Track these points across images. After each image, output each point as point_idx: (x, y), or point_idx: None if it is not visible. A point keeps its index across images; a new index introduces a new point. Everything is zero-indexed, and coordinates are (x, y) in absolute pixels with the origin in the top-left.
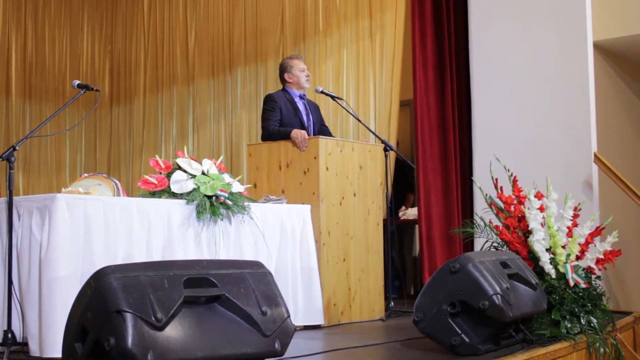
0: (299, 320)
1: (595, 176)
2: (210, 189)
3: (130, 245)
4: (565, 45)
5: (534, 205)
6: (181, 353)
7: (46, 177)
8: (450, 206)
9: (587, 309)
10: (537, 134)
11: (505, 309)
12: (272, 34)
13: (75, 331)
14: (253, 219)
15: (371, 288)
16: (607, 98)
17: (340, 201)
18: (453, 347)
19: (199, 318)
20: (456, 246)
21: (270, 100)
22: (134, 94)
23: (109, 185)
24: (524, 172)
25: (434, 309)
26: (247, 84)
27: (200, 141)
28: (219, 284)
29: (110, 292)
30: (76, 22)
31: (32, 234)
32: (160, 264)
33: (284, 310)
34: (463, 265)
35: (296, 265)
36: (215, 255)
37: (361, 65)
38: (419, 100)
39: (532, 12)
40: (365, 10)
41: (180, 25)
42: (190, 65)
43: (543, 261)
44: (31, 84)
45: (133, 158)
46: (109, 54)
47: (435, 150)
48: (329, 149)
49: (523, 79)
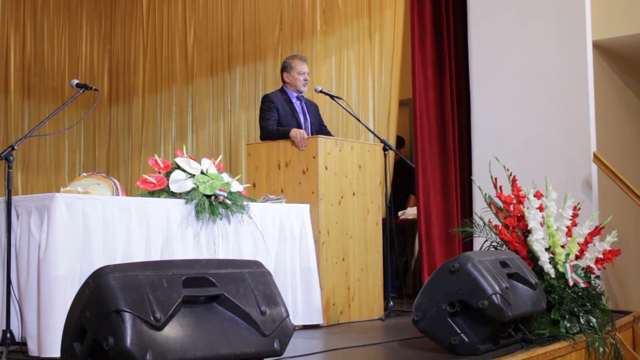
0: (298, 320)
1: (595, 175)
2: (209, 189)
3: (129, 245)
4: (564, 45)
5: (533, 204)
6: (180, 353)
7: (45, 176)
8: (449, 205)
9: (587, 309)
10: (537, 133)
11: (504, 309)
12: (270, 33)
13: (73, 331)
14: (252, 219)
15: (370, 287)
16: (606, 97)
17: (340, 200)
18: (452, 346)
19: (197, 318)
20: (455, 245)
21: (268, 100)
22: (133, 94)
23: (107, 184)
24: (523, 171)
25: (433, 309)
26: (245, 83)
27: (199, 140)
28: (218, 283)
29: (109, 291)
30: (75, 21)
31: (31, 233)
32: (159, 263)
33: (283, 309)
34: (462, 264)
35: (295, 264)
36: (214, 254)
37: (360, 64)
38: (418, 99)
39: (532, 12)
40: (364, 9)
41: (179, 24)
42: (189, 64)
43: (542, 261)
44: (30, 83)
45: (132, 157)
46: (108, 54)
47: (434, 150)
48: (328, 148)
49: (522, 79)
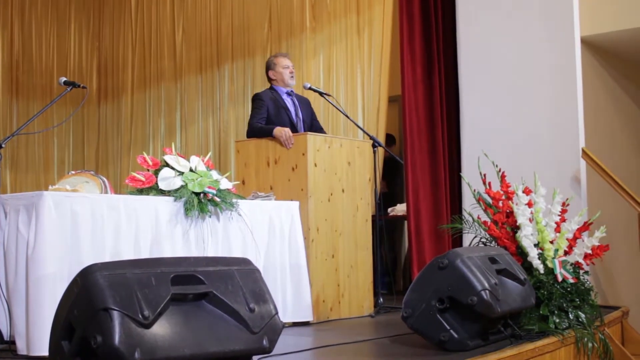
0: (288, 317)
1: (583, 171)
2: (198, 186)
3: (117, 243)
4: (553, 41)
5: (522, 200)
6: (168, 350)
7: (34, 174)
8: (438, 202)
9: (576, 304)
10: (525, 129)
11: (493, 305)
12: (259, 30)
13: (61, 329)
14: (241, 216)
15: (360, 284)
16: (595, 93)
17: (329, 197)
18: (442, 342)
19: (186, 315)
20: (445, 242)
21: (257, 99)
22: (122, 91)
23: (96, 182)
24: (512, 167)
25: (422, 305)
26: (234, 80)
27: (188, 138)
28: (207, 281)
29: (97, 289)
30: (63, 19)
31: (19, 231)
32: (147, 261)
33: (272, 307)
34: (451, 261)
35: (285, 261)
36: (204, 252)
37: (349, 61)
38: (407, 96)
39: (520, 9)
40: (353, 6)
41: (168, 21)
42: (178, 61)
43: (531, 256)
44: (18, 81)
45: (121, 155)
46: (97, 51)
47: (423, 146)
48: (317, 145)
49: (511, 75)
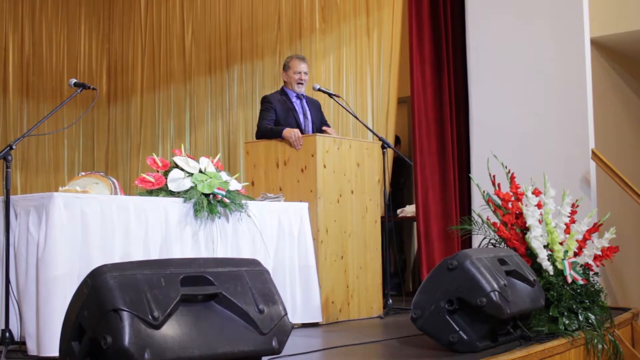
0: (297, 318)
1: (593, 173)
2: (208, 187)
3: (127, 244)
4: (562, 42)
5: (532, 202)
6: (178, 351)
7: (44, 175)
8: (448, 203)
9: (585, 306)
10: (535, 130)
11: (502, 306)
12: (269, 31)
13: (72, 330)
14: (250, 217)
15: (369, 285)
16: (604, 94)
17: (338, 199)
18: (451, 344)
19: (196, 316)
20: (454, 243)
21: (265, 101)
22: (132, 93)
23: (106, 183)
24: (522, 168)
25: (431, 306)
26: (243, 81)
27: (197, 139)
28: (216, 282)
29: (107, 290)
30: (73, 20)
31: (29, 233)
32: (157, 262)
33: (281, 308)
34: (460, 262)
35: (294, 263)
36: (213, 253)
37: (358, 62)
38: (416, 97)
39: (529, 9)
40: (362, 7)
41: (177, 23)
42: (187, 63)
43: (541, 258)
44: (29, 83)
45: (130, 156)
46: (107, 53)
47: (432, 147)
48: (326, 146)
49: (520, 76)
